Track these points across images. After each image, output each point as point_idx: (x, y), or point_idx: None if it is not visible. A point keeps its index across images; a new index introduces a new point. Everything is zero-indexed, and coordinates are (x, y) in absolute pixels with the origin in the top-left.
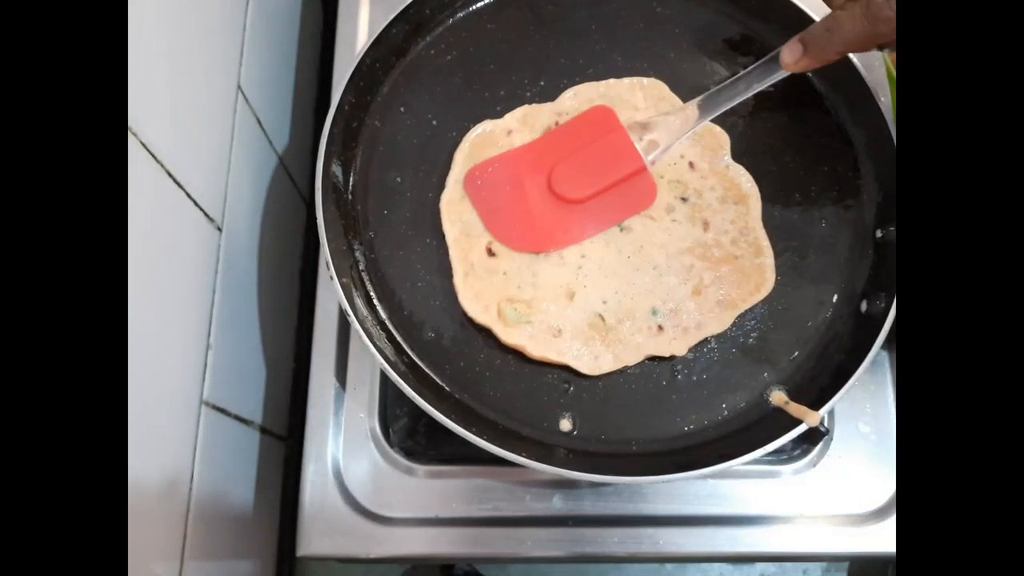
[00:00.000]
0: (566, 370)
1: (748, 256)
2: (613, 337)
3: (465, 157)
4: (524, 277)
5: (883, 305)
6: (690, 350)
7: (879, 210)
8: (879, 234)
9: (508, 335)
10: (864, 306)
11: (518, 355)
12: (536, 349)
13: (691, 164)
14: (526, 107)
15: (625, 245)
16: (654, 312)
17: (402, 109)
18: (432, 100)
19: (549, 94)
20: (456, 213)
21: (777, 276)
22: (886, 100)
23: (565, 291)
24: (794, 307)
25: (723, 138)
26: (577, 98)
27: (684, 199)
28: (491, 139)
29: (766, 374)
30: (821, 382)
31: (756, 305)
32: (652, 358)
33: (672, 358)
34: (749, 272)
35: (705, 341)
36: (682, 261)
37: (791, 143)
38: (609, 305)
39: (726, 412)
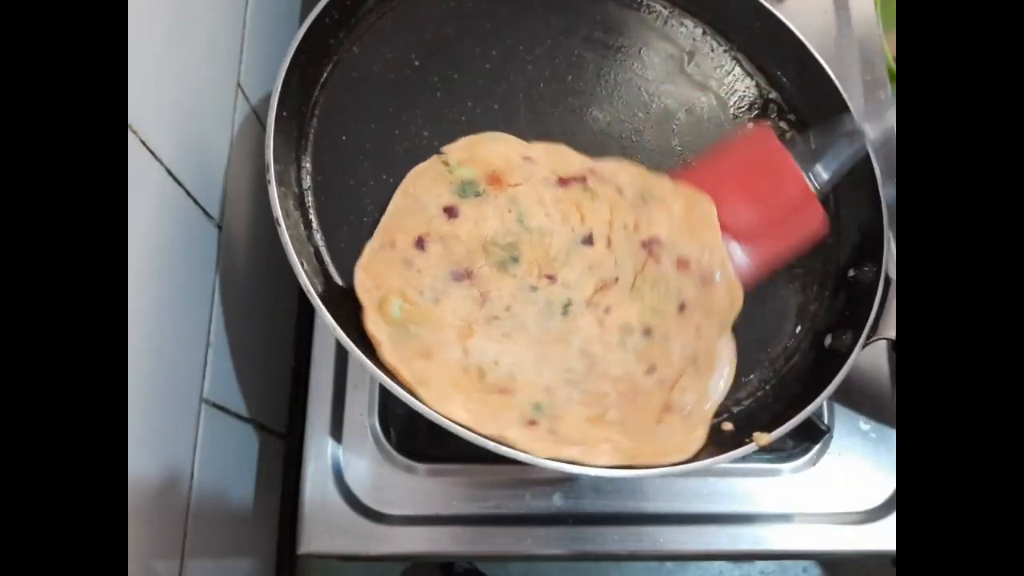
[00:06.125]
0: None
1: (677, 423)
2: (479, 397)
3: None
4: (435, 287)
5: (848, 341)
6: None
7: (854, 251)
8: (851, 273)
9: (372, 323)
10: (829, 340)
11: None
12: (385, 353)
13: (682, 306)
14: (562, 146)
15: (556, 324)
16: (537, 407)
17: (385, 42)
18: (419, 42)
19: (547, 61)
20: (422, 185)
21: (745, 304)
22: (885, 97)
23: (464, 327)
24: (757, 333)
25: (737, 301)
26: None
27: (648, 333)
28: (509, 150)
29: None
30: (775, 409)
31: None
32: None
33: None
34: (662, 439)
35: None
36: (599, 385)
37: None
38: (499, 368)
39: None
